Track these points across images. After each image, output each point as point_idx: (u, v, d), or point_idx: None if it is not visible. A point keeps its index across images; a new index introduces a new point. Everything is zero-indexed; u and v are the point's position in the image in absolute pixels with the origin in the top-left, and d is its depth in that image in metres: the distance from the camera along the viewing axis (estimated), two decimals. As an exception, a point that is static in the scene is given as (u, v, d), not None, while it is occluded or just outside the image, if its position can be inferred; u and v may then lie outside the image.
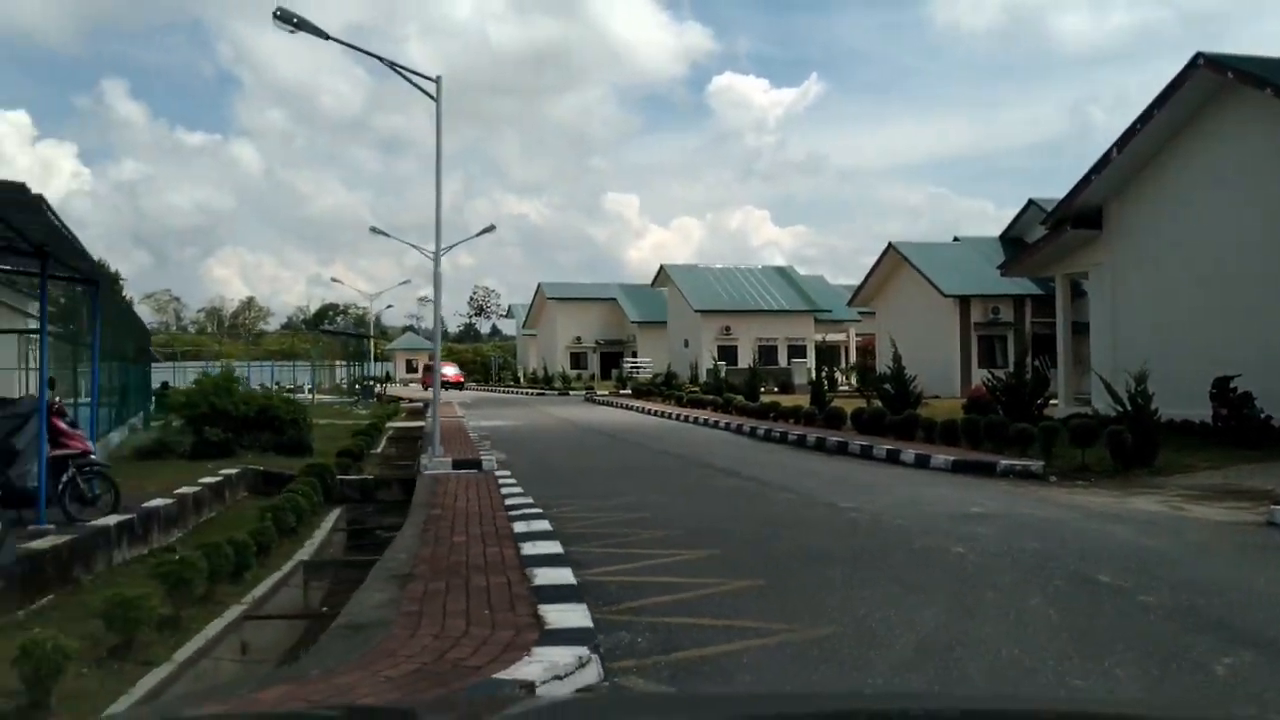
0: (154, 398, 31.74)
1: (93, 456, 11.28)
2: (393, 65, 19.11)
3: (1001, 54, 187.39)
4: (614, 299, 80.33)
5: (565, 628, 5.71)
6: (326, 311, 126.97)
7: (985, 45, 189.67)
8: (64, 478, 10.37)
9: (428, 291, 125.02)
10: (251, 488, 14.90)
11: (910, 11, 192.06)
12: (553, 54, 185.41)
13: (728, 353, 60.54)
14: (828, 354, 60.81)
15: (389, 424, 29.43)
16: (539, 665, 4.92)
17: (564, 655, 5.08)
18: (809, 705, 2.22)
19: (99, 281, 13.13)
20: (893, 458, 17.43)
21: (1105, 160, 21.33)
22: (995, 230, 41.61)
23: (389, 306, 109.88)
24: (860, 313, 54.26)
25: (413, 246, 42.63)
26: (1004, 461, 15.41)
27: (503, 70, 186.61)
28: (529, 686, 4.64)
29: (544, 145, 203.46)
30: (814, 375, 38.49)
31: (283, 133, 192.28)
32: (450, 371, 66.48)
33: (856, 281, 48.81)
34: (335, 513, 13.53)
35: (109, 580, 8.65)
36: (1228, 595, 7.02)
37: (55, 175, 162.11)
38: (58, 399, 11.54)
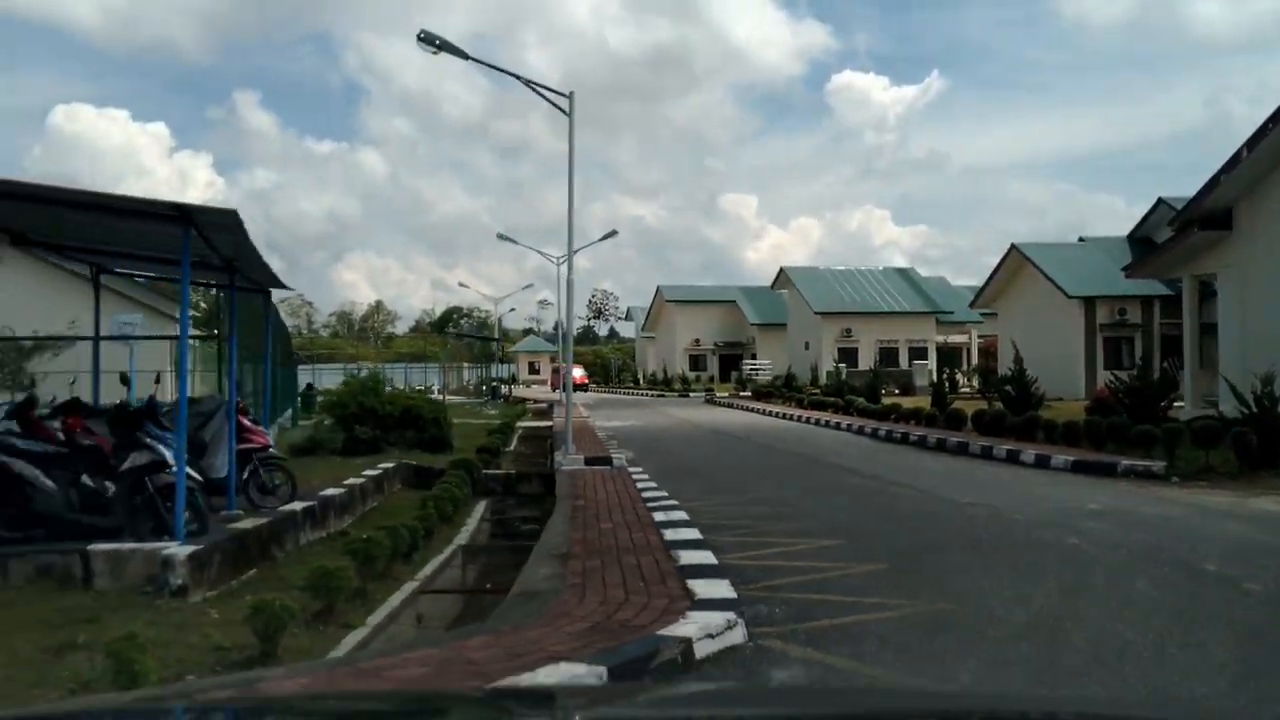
0: (299, 398, 33.62)
1: (272, 450, 12.52)
2: (529, 83, 20.20)
3: (1133, 44, 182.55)
4: (733, 301, 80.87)
5: (712, 598, 6.52)
6: (451, 315, 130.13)
7: (1116, 36, 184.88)
8: (248, 469, 11.61)
9: (548, 295, 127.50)
10: (405, 480, 16.10)
11: (1037, 4, 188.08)
12: (670, 56, 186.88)
13: (848, 355, 60.62)
14: (949, 356, 60.37)
15: (518, 424, 30.67)
16: (693, 625, 5.74)
17: (714, 619, 5.90)
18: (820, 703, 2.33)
19: (269, 291, 14.40)
20: (1012, 458, 17.77)
21: (1235, 160, 21.18)
22: (1126, 227, 40.96)
23: (511, 310, 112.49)
24: (982, 314, 53.92)
25: (539, 252, 44.04)
26: (1125, 462, 15.62)
27: (620, 73, 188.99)
28: (686, 642, 5.47)
29: (661, 147, 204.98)
30: (935, 377, 38.53)
31: (407, 140, 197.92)
32: (577, 374, 68.09)
33: (979, 282, 48.58)
34: (482, 504, 14.58)
35: (298, 558, 9.78)
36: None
37: (191, 185, 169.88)
38: (241, 398, 12.81)
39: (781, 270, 70.06)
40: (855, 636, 6.04)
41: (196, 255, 10.60)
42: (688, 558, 8.05)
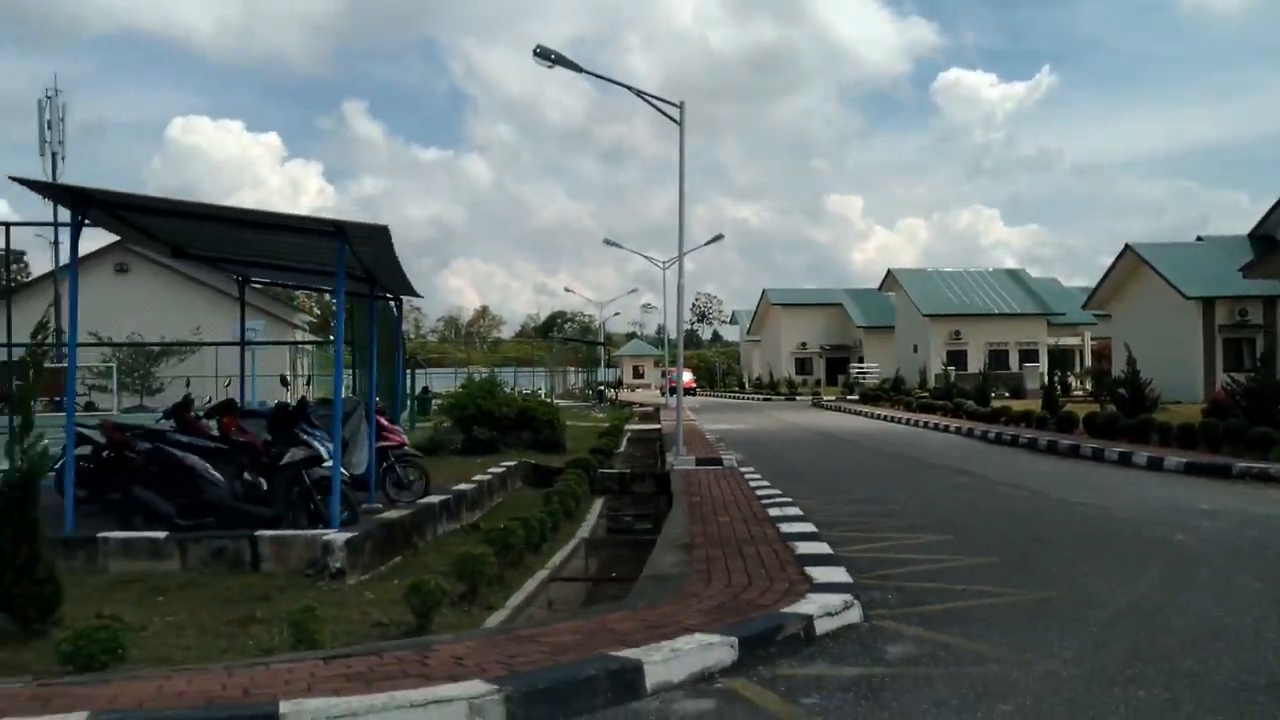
0: (416, 400, 34.82)
1: (407, 448, 13.34)
2: (640, 93, 20.83)
3: (1255, 34, 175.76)
4: (839, 304, 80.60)
5: (830, 582, 7.00)
6: (555, 319, 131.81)
7: (1236, 26, 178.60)
8: (385, 465, 12.42)
9: (651, 299, 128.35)
10: (525, 479, 16.85)
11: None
12: (773, 56, 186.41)
13: (957, 357, 60.03)
14: (1061, 358, 59.32)
15: (626, 427, 31.34)
16: (814, 605, 6.23)
17: (832, 600, 6.38)
18: None
19: (400, 299, 15.25)
20: (1124, 460, 17.77)
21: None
22: (1250, 224, 39.80)
23: (615, 314, 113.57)
24: (1096, 316, 52.93)
25: (644, 257, 44.58)
26: (1241, 464, 15.54)
27: (723, 75, 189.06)
28: (807, 619, 5.96)
29: (764, 149, 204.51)
30: (1046, 380, 38.10)
31: (510, 146, 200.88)
32: (686, 378, 68.46)
33: (1093, 283, 47.77)
34: (599, 502, 15.22)
35: (436, 547, 10.52)
36: None
37: (302, 193, 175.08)
38: (379, 400, 13.65)
39: (889, 272, 69.71)
40: (964, 618, 6.46)
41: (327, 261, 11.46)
42: (804, 548, 8.52)
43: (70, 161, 52.31)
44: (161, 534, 8.74)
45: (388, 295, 13.61)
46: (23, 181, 8.58)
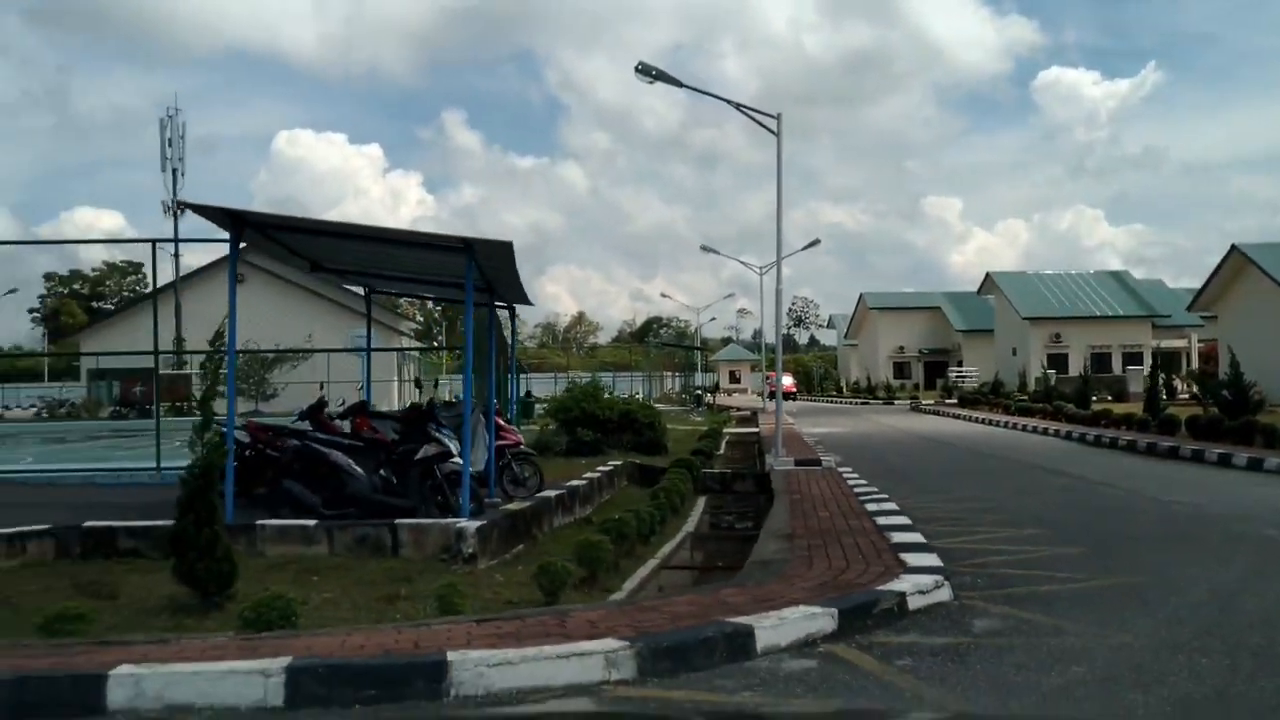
0: (520, 404, 35.94)
1: (522, 447, 14.19)
2: (739, 106, 21.47)
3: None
4: (938, 307, 79.97)
5: (923, 566, 7.59)
6: (651, 324, 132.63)
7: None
8: (502, 463, 13.28)
9: (747, 303, 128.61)
10: (630, 478, 17.61)
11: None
12: (868, 59, 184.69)
13: (1058, 360, 59.31)
14: (1166, 361, 58.26)
15: (724, 430, 31.93)
16: (907, 584, 6.85)
17: (924, 580, 6.99)
18: None
19: (513, 307, 16.15)
20: (1224, 461, 17.83)
21: None
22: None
23: (711, 319, 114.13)
24: (1202, 317, 51.92)
25: (741, 263, 45.12)
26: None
27: (818, 79, 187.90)
28: (901, 596, 6.58)
29: (860, 151, 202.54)
30: (1148, 382, 37.66)
31: (605, 153, 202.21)
32: (787, 382, 68.35)
33: (1201, 283, 46.87)
34: (702, 500, 15.89)
35: (553, 538, 11.31)
36: None
37: (403, 203, 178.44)
38: (496, 401, 14.54)
39: (987, 275, 69.10)
40: (1048, 599, 7.00)
41: (462, 277, 12.36)
42: (899, 538, 9.10)
43: (185, 175, 54.56)
44: (311, 522, 9.67)
45: (503, 304, 14.48)
46: (191, 206, 9.61)
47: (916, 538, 9.13)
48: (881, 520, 10.38)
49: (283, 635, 5.83)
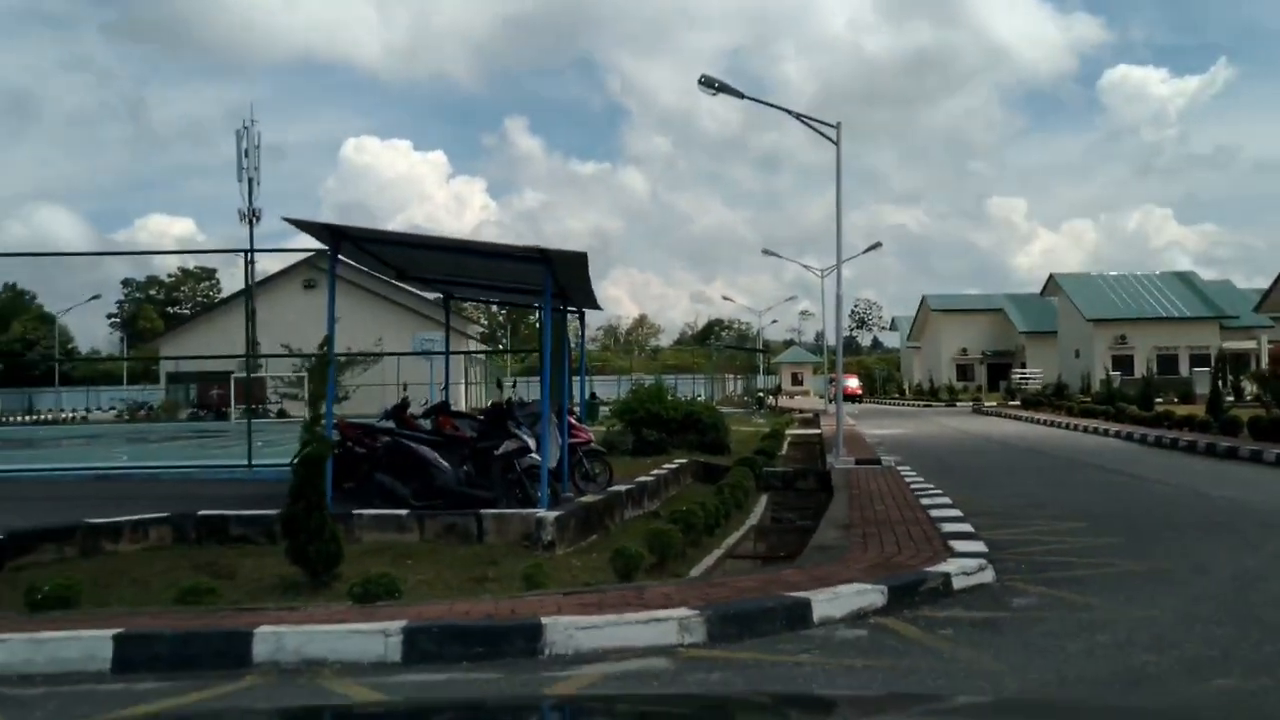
0: (585, 405, 36.80)
1: (592, 444, 14.97)
2: (799, 116, 22.05)
3: None
4: (1001, 309, 79.60)
5: (969, 551, 8.22)
6: (713, 327, 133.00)
7: None
8: (574, 459, 14.05)
9: (809, 305, 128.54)
10: (694, 475, 18.30)
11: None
12: (930, 59, 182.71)
13: (1123, 362, 58.96)
14: (1234, 362, 57.60)
15: (786, 431, 32.48)
16: (953, 566, 7.49)
17: (969, 563, 7.62)
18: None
19: (583, 312, 16.93)
20: (1280, 461, 18.10)
21: None
22: None
23: (773, 322, 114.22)
24: (1273, 318, 51.43)
25: (803, 266, 45.59)
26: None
27: (878, 80, 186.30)
28: (946, 576, 7.23)
29: (922, 152, 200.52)
30: (1212, 384, 37.55)
31: (666, 156, 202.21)
32: (852, 384, 67.97)
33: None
34: (764, 497, 16.54)
35: (624, 529, 12.06)
36: None
37: (467, 208, 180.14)
38: (572, 402, 15.32)
39: (1051, 277, 68.81)
40: (1083, 581, 7.60)
41: (535, 284, 13.16)
42: (949, 528, 9.71)
43: (260, 184, 56.01)
44: (403, 511, 10.52)
45: (572, 309, 15.26)
46: (294, 221, 10.51)
47: (965, 528, 9.73)
48: (934, 513, 10.98)
49: (394, 604, 6.63)
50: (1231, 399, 41.92)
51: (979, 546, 8.56)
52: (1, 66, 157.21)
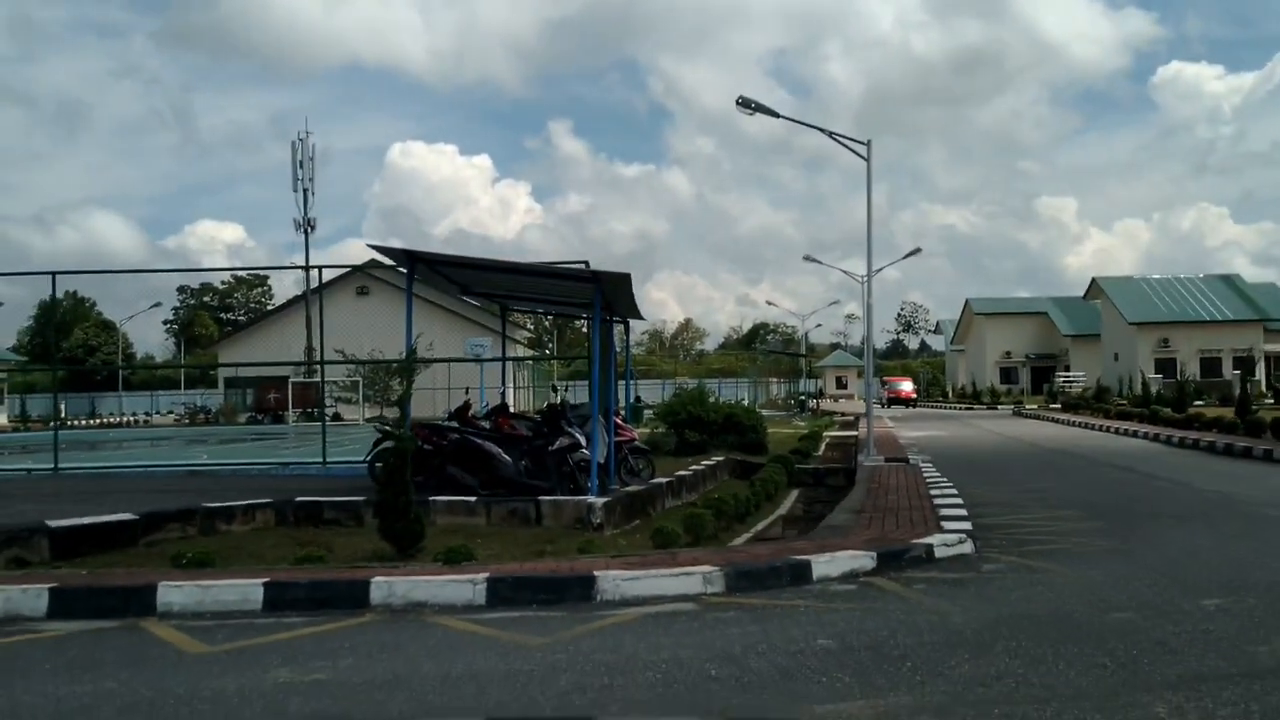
0: (630, 408, 38.34)
1: (636, 442, 16.48)
2: (831, 134, 23.44)
3: None
4: (1044, 312, 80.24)
5: (955, 529, 9.64)
6: (758, 331, 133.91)
7: None
8: (620, 456, 15.56)
9: (853, 309, 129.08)
10: (731, 471, 19.76)
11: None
12: (978, 57, 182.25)
13: (1166, 365, 59.51)
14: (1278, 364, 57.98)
15: (825, 433, 33.79)
16: (936, 539, 8.93)
17: (951, 537, 9.06)
18: None
19: (628, 322, 18.44)
20: (1291, 460, 19.17)
21: None
22: None
23: (818, 326, 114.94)
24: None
25: (843, 271, 46.78)
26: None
27: (926, 79, 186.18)
28: (929, 547, 8.66)
29: (971, 152, 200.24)
30: (1241, 386, 38.32)
31: (710, 159, 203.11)
32: (906, 387, 68.23)
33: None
34: (795, 491, 17.96)
35: (664, 516, 13.54)
36: None
37: (511, 212, 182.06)
38: (618, 405, 16.83)
39: (1094, 280, 69.42)
40: (1051, 554, 9.00)
41: (585, 299, 14.69)
42: (947, 513, 11.13)
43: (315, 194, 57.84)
44: (472, 498, 12.09)
45: (618, 319, 16.78)
46: (376, 248, 12.14)
47: (962, 513, 11.14)
48: (939, 502, 12.39)
49: (476, 564, 8.19)
50: (1271, 401, 42.61)
51: (966, 525, 9.99)
52: (53, 75, 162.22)
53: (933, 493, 13.63)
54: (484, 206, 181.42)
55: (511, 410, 16.73)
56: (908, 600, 7.20)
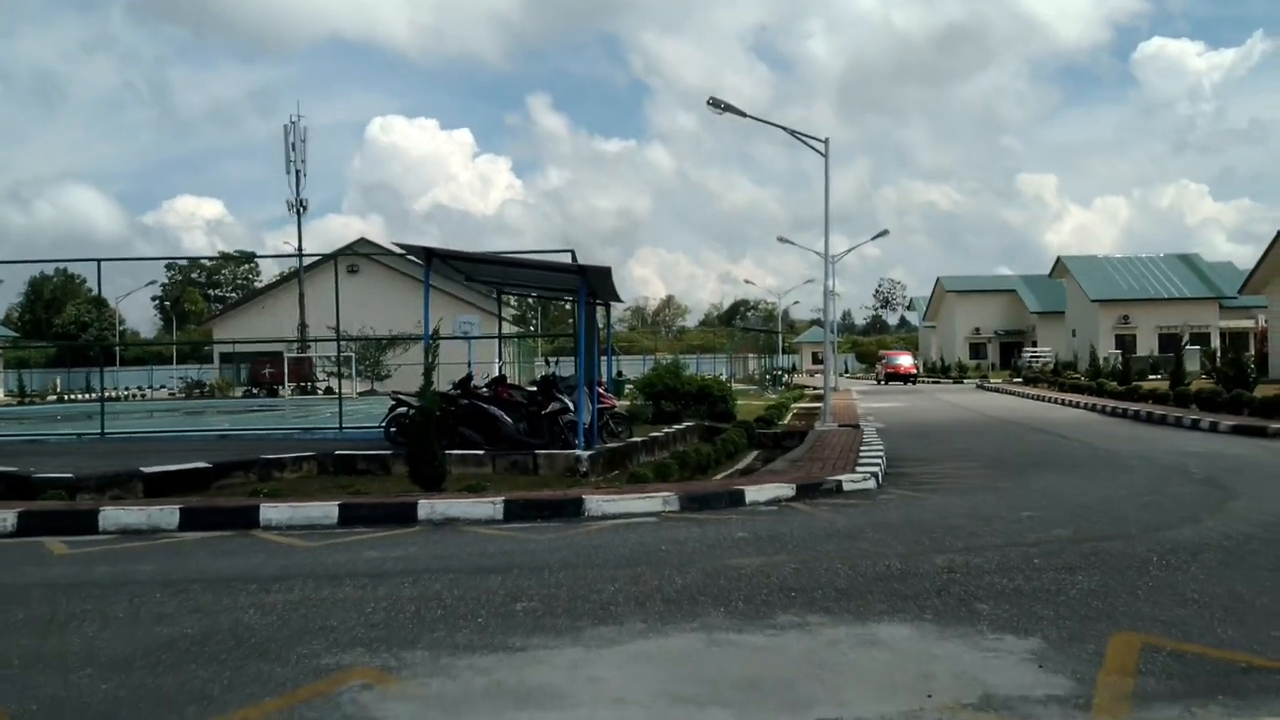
0: (613, 382, 40.84)
1: (617, 409, 19.01)
2: (793, 132, 25.98)
3: None
4: (1013, 290, 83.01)
5: (866, 470, 12.24)
6: (738, 308, 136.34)
7: None
8: (602, 421, 18.09)
9: (836, 284, 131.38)
10: (700, 435, 22.31)
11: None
12: (960, 33, 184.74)
13: (1126, 341, 62.27)
14: (1233, 341, 60.74)
15: (793, 405, 36.35)
16: (846, 477, 11.53)
17: (857, 475, 11.67)
18: None
19: (609, 304, 20.92)
20: (1193, 425, 21.60)
21: None
22: None
23: (796, 302, 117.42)
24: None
25: (815, 253, 49.01)
26: (1275, 426, 19.37)
27: (908, 56, 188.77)
28: (838, 481, 11.27)
29: (952, 128, 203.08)
30: (1185, 361, 40.96)
31: (692, 135, 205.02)
32: (905, 362, 66.10)
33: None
34: (755, 452, 20.52)
35: (638, 467, 16.08)
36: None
37: (492, 187, 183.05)
38: (601, 377, 19.34)
39: (1059, 259, 72.14)
40: (936, 490, 11.61)
41: (571, 286, 17.15)
42: (866, 459, 13.72)
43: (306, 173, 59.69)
44: (480, 452, 14.61)
45: (600, 301, 19.28)
46: (401, 245, 14.59)
47: (881, 463, 13.73)
48: (864, 455, 14.97)
49: (493, 492, 10.75)
50: (1204, 376, 45.26)
51: (877, 467, 12.59)
52: (29, 48, 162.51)
53: (862, 450, 16.22)
54: (464, 182, 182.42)
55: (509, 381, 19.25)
56: (811, 515, 9.80)
